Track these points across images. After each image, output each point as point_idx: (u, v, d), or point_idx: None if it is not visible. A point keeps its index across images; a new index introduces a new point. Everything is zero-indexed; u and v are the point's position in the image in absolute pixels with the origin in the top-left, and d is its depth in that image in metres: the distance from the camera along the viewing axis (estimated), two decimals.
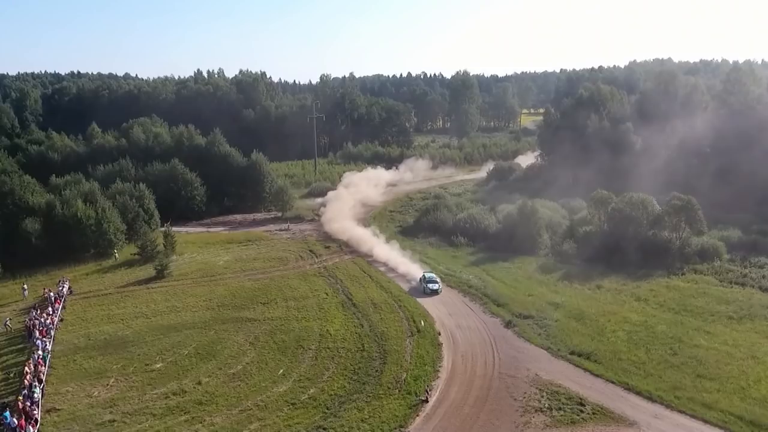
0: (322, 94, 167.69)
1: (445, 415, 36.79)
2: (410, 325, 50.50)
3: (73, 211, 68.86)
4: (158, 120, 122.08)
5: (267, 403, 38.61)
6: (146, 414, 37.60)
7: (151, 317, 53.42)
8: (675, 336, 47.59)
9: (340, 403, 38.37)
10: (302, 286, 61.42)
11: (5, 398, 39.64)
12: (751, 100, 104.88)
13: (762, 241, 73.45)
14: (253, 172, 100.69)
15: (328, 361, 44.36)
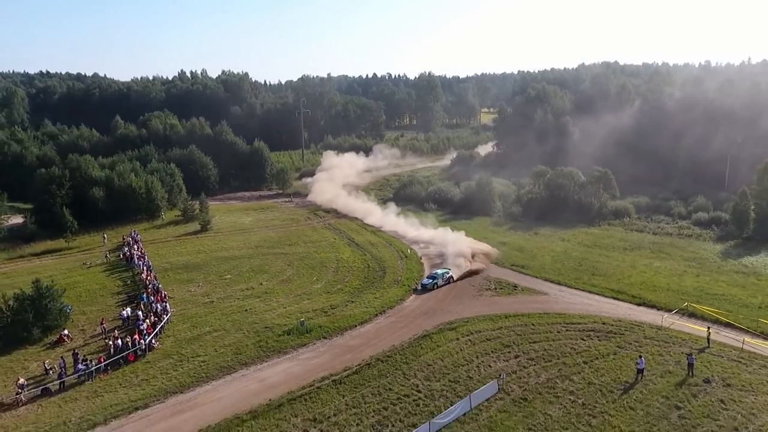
0: (303, 92, 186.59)
1: (427, 297, 57.10)
2: (399, 254, 70.89)
3: (127, 183, 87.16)
4: (170, 114, 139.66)
5: (310, 293, 58.54)
6: (232, 298, 57.14)
7: (210, 252, 72.69)
8: (583, 257, 69.14)
9: (359, 291, 58.51)
10: (314, 234, 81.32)
11: (136, 292, 58.70)
12: (665, 97, 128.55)
13: (663, 204, 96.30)
14: (255, 157, 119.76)
15: (346, 272, 64.49)
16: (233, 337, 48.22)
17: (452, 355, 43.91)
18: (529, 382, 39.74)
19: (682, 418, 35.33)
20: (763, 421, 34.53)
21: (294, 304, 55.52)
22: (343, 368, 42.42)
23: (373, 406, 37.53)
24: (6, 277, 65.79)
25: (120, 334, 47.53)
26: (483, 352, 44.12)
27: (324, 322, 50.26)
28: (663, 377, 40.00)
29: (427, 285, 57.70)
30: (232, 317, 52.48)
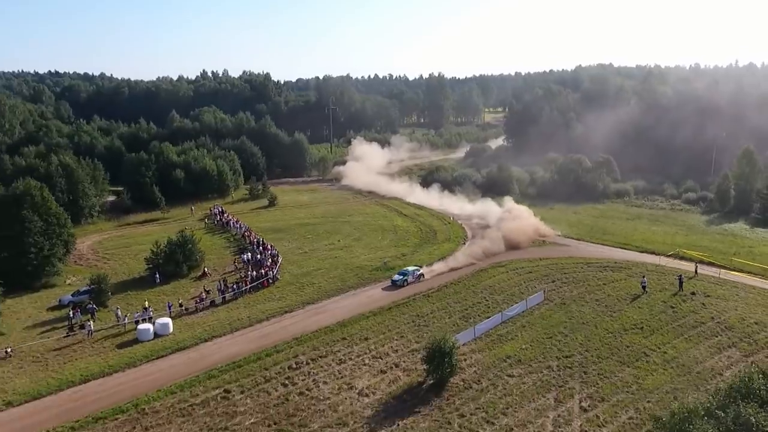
0: (326, 91, 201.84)
1: (467, 248, 72.38)
2: (443, 221, 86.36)
3: (202, 165, 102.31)
4: (217, 109, 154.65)
5: (381, 247, 73.91)
6: (320, 250, 72.34)
7: (286, 221, 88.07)
8: (594, 224, 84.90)
9: (419, 246, 73.90)
10: (366, 209, 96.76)
11: (242, 246, 73.91)
12: (659, 96, 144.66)
13: (658, 187, 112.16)
14: (295, 147, 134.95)
15: (404, 234, 79.96)
16: (335, 272, 63.59)
17: (505, 281, 59.52)
18: (564, 295, 55.38)
19: (674, 312, 51.04)
20: (728, 315, 50.16)
21: (371, 254, 70.92)
22: (427, 288, 57.91)
23: (456, 308, 53.06)
24: (125, 238, 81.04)
25: (251, 270, 62.79)
26: (527, 280, 59.72)
27: (401, 263, 65.68)
28: (661, 291, 55.75)
29: (397, 281, 58.41)
30: (327, 261, 67.86)
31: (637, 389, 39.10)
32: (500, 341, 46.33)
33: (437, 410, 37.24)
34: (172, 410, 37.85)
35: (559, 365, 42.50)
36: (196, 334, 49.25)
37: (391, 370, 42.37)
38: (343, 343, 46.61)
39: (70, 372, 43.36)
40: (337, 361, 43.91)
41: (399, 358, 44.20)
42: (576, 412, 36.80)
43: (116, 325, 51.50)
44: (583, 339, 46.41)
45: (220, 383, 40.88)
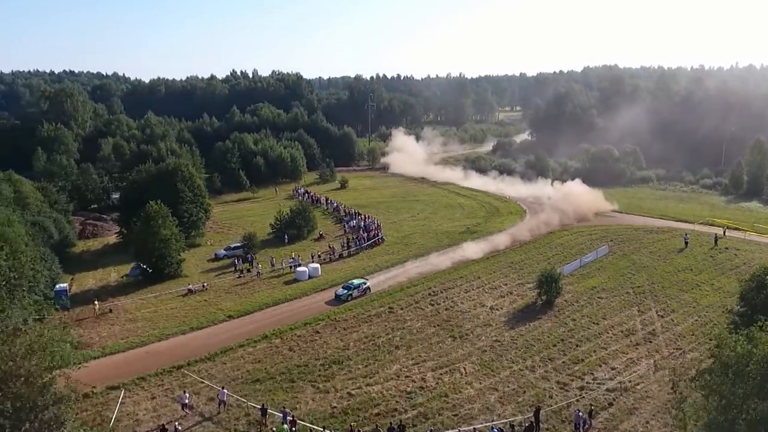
0: (356, 89, 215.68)
1: (529, 219, 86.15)
2: (501, 201, 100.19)
3: (278, 153, 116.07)
4: (270, 105, 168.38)
5: (455, 219, 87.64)
6: (405, 221, 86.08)
7: (364, 199, 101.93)
8: (630, 203, 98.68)
9: (487, 219, 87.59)
10: (426, 191, 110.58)
11: (337, 217, 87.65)
12: (674, 95, 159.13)
13: (677, 174, 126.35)
14: (345, 139, 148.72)
15: (470, 210, 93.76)
16: (429, 235, 77.41)
17: (573, 240, 73.53)
18: (624, 249, 69.40)
19: (714, 260, 65.16)
20: (756, 261, 64.13)
21: (450, 223, 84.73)
22: (511, 243, 71.80)
23: (538, 258, 66.97)
24: (232, 212, 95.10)
25: (362, 232, 76.54)
26: (590, 240, 73.70)
27: (479, 229, 79.57)
28: (700, 247, 69.84)
29: (341, 296, 55.82)
30: (418, 228, 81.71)
31: (696, 305, 53.09)
32: (584, 278, 60.22)
33: (553, 318, 51.14)
34: (356, 319, 51.57)
35: (634, 291, 56.50)
36: (340, 276, 62.93)
37: (508, 296, 56.28)
38: (462, 281, 60.41)
39: (260, 298, 57.07)
40: (463, 290, 57.75)
41: (510, 288, 58.08)
42: (655, 317, 50.74)
43: (272, 270, 65.18)
44: (647, 276, 60.42)
45: (383, 304, 54.64)
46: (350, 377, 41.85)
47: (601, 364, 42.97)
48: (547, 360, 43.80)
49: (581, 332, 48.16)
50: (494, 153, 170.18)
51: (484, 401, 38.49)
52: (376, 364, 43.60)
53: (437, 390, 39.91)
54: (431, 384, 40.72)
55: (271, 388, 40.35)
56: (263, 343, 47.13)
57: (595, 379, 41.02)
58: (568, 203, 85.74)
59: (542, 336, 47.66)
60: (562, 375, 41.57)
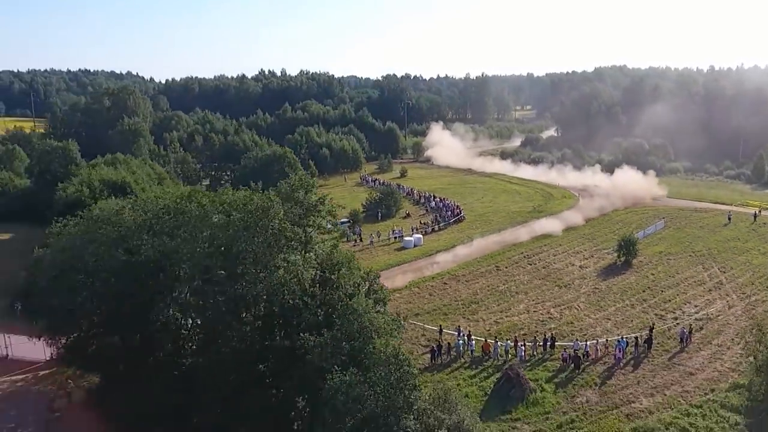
0: (387, 88, 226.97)
1: (583, 203, 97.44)
2: (553, 188, 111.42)
3: (342, 146, 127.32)
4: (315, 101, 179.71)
5: (518, 202, 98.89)
6: (476, 203, 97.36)
7: (427, 186, 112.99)
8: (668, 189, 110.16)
9: (546, 201, 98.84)
10: (479, 180, 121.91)
11: (413, 198, 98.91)
12: (694, 94, 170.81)
13: (701, 166, 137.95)
14: (390, 134, 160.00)
15: (527, 195, 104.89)
16: (502, 214, 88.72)
17: (630, 218, 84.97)
18: (676, 224, 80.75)
19: (756, 232, 76.54)
20: None
21: (514, 205, 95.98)
22: (584, 220, 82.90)
23: (604, 231, 78.28)
24: None
25: (445, 210, 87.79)
26: (643, 218, 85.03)
27: (544, 209, 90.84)
28: (741, 222, 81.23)
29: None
30: (487, 209, 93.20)
31: (750, 264, 64.40)
32: (650, 246, 71.46)
33: (634, 273, 62.51)
34: (472, 275, 62.89)
35: (695, 254, 67.91)
36: (440, 245, 74.19)
37: (591, 258, 67.68)
38: (546, 248, 71.75)
39: (382, 261, 68.26)
40: (551, 254, 69.14)
41: (590, 253, 69.46)
42: (718, 273, 62.11)
43: (379, 240, 76.43)
44: (703, 244, 71.80)
45: (489, 263, 66.03)
46: (490, 312, 53.24)
47: (685, 303, 54.36)
48: (641, 300, 55.23)
49: (662, 282, 59.55)
50: (524, 147, 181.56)
51: (603, 326, 49.89)
52: (505, 304, 55.01)
53: (563, 319, 51.32)
54: (556, 316, 52.14)
55: (431, 319, 51.67)
56: (405, 291, 58.47)
57: (684, 312, 52.40)
58: (621, 188, 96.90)
59: (631, 285, 59.06)
60: (656, 310, 52.97)
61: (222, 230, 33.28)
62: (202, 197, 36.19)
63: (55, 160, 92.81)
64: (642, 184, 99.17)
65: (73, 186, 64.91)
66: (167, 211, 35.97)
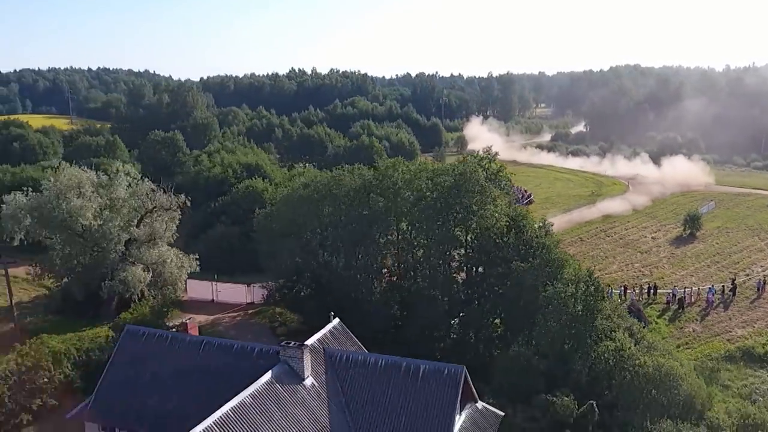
0: (421, 87, 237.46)
1: (635, 190, 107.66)
2: (600, 177, 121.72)
3: (399, 138, 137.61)
4: (362, 98, 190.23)
5: (574, 187, 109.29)
6: (538, 188, 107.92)
7: None
8: None
9: (597, 189, 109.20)
10: (528, 170, 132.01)
11: None
12: (718, 91, 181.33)
13: (729, 159, 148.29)
14: (433, 128, 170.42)
15: (580, 183, 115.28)
16: (563, 198, 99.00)
17: (682, 201, 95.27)
18: (725, 205, 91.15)
19: None
20: None
21: (572, 191, 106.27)
22: (644, 202, 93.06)
23: (663, 210, 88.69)
24: None
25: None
26: (694, 201, 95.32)
27: (601, 193, 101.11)
28: None
29: None
30: (549, 193, 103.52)
31: None
32: (706, 222, 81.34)
33: (701, 243, 72.96)
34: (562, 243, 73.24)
35: (748, 228, 78.33)
36: None
37: (659, 231, 78.15)
38: (617, 224, 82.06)
39: None
40: (623, 229, 79.59)
41: (657, 228, 79.90)
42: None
43: None
44: (753, 220, 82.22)
45: (572, 236, 76.29)
46: None
47: (752, 264, 64.91)
48: (714, 262, 65.81)
49: (726, 250, 70.10)
50: (554, 142, 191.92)
51: (689, 280, 60.45)
52: (600, 264, 65.38)
53: (653, 276, 61.83)
54: (647, 273, 62.69)
55: None
56: None
57: (753, 271, 62.89)
58: (672, 175, 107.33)
59: (701, 251, 69.65)
60: (729, 269, 63.49)
61: (429, 190, 43.75)
62: (403, 167, 46.64)
63: (163, 150, 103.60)
64: (694, 172, 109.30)
65: (219, 167, 75.22)
66: (376, 177, 46.38)
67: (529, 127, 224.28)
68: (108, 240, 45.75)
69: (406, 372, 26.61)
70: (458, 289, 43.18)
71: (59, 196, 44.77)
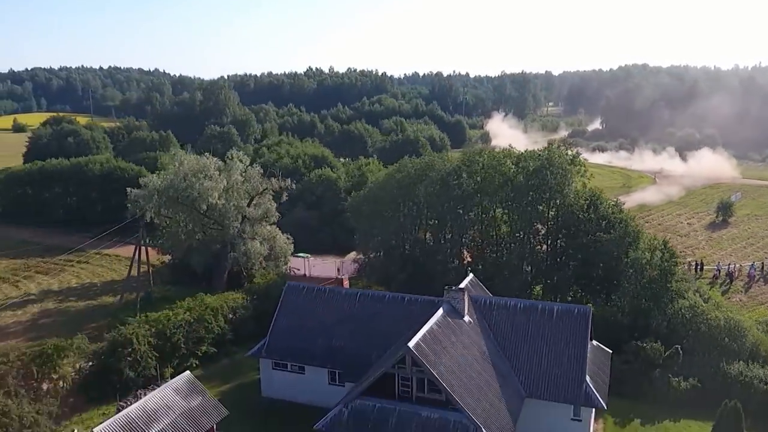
0: (437, 86, 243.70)
1: (662, 182, 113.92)
2: (626, 171, 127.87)
3: (430, 134, 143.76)
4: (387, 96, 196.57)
5: (600, 182, 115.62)
6: None
7: None
8: None
9: (626, 181, 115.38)
10: None
11: None
12: (732, 89, 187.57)
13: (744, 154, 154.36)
14: (458, 125, 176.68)
15: (607, 177, 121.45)
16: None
17: (711, 192, 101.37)
18: (751, 196, 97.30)
19: None
20: None
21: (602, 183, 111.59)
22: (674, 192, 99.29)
23: (693, 200, 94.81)
24: None
25: None
26: (720, 192, 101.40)
27: (631, 185, 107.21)
28: None
29: None
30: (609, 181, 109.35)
31: None
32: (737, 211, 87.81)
33: (734, 228, 79.13)
34: None
35: None
36: None
37: (693, 218, 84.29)
38: (653, 212, 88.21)
39: None
40: (659, 216, 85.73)
41: (691, 216, 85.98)
42: None
43: None
44: None
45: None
46: None
47: None
48: (750, 244, 72.01)
49: (759, 233, 76.32)
50: (572, 138, 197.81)
51: (729, 259, 66.54)
52: None
53: (696, 255, 68.00)
54: (689, 253, 68.85)
55: None
56: None
57: None
58: (699, 168, 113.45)
59: (736, 235, 75.88)
60: (764, 250, 69.67)
61: (516, 173, 49.99)
62: (489, 153, 52.90)
63: (218, 143, 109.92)
64: (721, 165, 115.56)
65: (287, 158, 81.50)
66: (464, 162, 52.64)
67: (545, 124, 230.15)
68: (227, 218, 51.92)
69: (542, 312, 32.80)
70: (541, 258, 49.37)
71: (185, 179, 50.96)
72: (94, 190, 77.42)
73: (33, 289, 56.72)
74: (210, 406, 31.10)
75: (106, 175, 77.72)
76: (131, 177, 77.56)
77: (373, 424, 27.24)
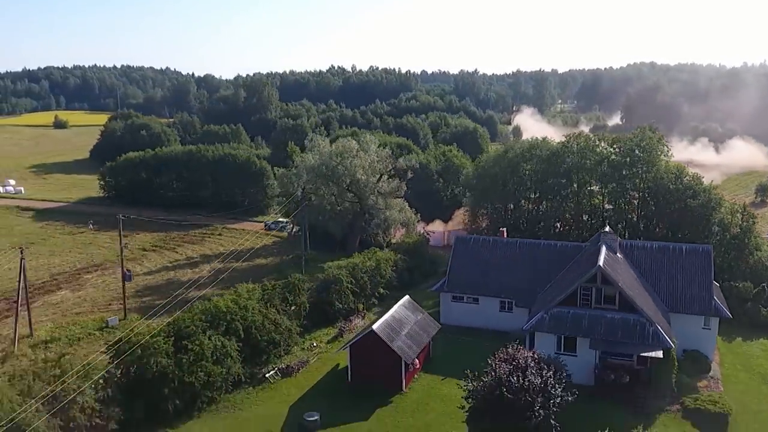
0: (462, 83, 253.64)
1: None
2: None
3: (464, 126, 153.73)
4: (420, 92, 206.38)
5: None
6: None
7: None
8: None
9: None
10: None
11: None
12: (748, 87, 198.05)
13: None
14: (489, 120, 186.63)
15: None
16: None
17: (746, 177, 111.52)
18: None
19: None
20: None
21: None
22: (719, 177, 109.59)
23: (731, 185, 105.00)
24: None
25: None
26: (756, 178, 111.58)
27: None
28: None
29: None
30: None
31: None
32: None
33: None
34: None
35: None
36: None
37: (734, 199, 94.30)
38: None
39: None
40: None
41: (732, 198, 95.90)
42: None
43: None
44: None
45: None
46: None
47: None
48: None
49: None
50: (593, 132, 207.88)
51: None
52: None
53: None
54: None
55: None
56: None
57: None
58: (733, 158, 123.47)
59: None
60: None
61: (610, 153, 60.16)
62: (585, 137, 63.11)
63: (291, 136, 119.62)
64: (755, 155, 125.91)
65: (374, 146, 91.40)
66: (565, 144, 62.88)
67: (565, 120, 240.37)
68: (366, 191, 61.80)
69: (674, 251, 42.87)
70: (635, 223, 59.49)
71: (332, 158, 60.82)
72: (207, 174, 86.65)
73: (193, 254, 66.44)
74: (429, 320, 41.13)
75: (218, 160, 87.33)
76: (241, 162, 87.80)
77: (570, 323, 37.21)
